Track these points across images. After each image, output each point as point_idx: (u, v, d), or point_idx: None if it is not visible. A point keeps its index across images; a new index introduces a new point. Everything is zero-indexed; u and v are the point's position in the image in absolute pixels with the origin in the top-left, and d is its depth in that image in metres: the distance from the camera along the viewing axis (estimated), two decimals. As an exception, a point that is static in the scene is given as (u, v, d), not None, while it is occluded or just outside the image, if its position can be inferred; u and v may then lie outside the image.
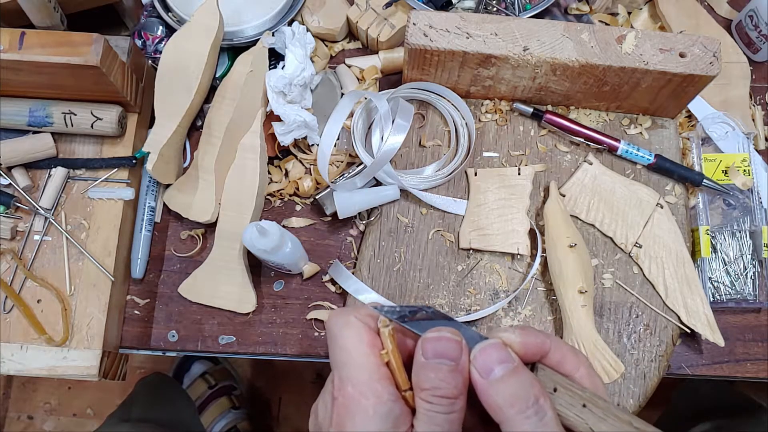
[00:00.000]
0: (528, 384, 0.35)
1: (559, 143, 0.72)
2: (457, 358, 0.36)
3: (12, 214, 0.68)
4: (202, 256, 0.70)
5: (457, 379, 0.35)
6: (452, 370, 0.35)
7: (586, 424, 0.35)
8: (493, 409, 0.35)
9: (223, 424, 1.25)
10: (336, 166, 0.73)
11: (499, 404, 0.34)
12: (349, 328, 0.38)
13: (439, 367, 0.35)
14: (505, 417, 0.34)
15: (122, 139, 0.70)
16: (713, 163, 0.71)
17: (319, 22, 0.76)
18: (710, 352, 0.68)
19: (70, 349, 0.64)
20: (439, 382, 0.35)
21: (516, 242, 0.67)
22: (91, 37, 0.61)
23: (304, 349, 0.68)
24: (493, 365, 0.35)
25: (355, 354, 0.37)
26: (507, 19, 0.65)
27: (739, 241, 0.69)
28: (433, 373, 0.35)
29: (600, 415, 0.35)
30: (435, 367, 0.35)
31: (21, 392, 1.44)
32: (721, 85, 0.76)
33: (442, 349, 0.36)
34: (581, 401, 0.36)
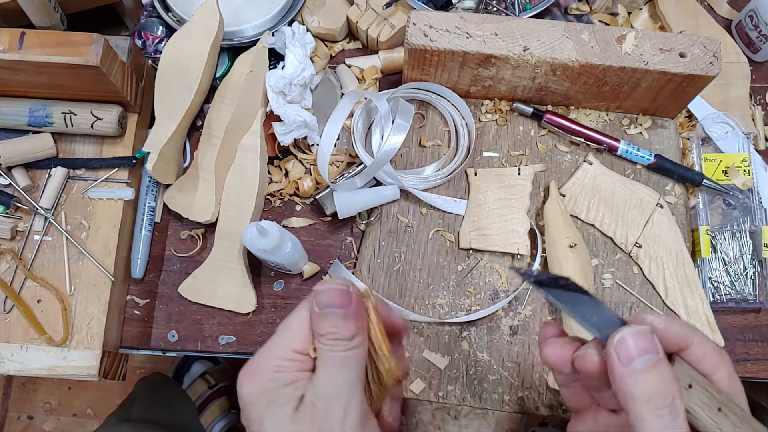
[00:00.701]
0: (668, 381, 0.34)
1: (559, 143, 0.72)
2: (345, 305, 0.39)
3: (12, 214, 0.68)
4: (202, 256, 0.70)
5: (348, 323, 0.38)
6: (344, 317, 0.38)
7: (719, 428, 0.34)
8: (626, 398, 0.34)
9: (223, 424, 1.25)
10: (336, 166, 0.73)
11: (633, 395, 0.34)
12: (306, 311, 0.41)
13: (330, 314, 0.39)
14: (637, 410, 0.34)
15: (122, 139, 0.70)
16: (713, 163, 0.71)
17: (319, 22, 0.76)
18: (710, 352, 0.68)
19: (70, 349, 0.64)
20: (332, 327, 0.38)
21: (516, 242, 0.67)
22: (91, 37, 0.61)
23: (304, 349, 0.68)
24: (635, 354, 0.34)
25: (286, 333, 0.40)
26: (507, 19, 0.65)
27: (739, 241, 0.69)
28: (326, 321, 0.38)
29: (736, 422, 0.34)
30: (327, 315, 0.39)
31: (21, 392, 1.44)
32: (721, 85, 0.76)
33: (331, 300, 0.39)
34: (717, 404, 0.34)
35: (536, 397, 0.65)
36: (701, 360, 0.37)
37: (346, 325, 0.38)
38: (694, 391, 0.35)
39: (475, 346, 0.66)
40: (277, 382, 0.39)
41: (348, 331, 0.38)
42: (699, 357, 0.37)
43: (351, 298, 0.39)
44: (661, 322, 0.36)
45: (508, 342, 0.66)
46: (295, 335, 0.40)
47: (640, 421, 0.33)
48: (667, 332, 0.36)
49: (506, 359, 0.66)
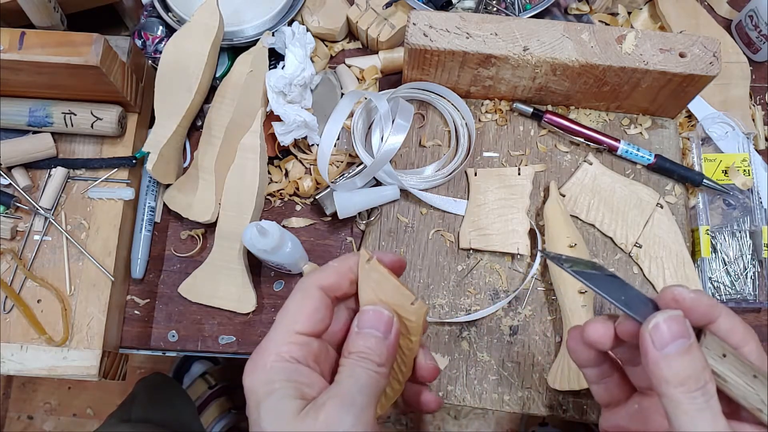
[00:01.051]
0: (701, 365, 0.35)
1: (559, 143, 0.72)
2: (386, 332, 0.39)
3: (12, 214, 0.68)
4: (202, 256, 0.70)
5: (381, 348, 0.39)
6: (380, 341, 0.39)
7: (757, 395, 0.35)
8: (659, 381, 0.35)
9: (223, 425, 1.24)
10: (336, 166, 0.73)
11: (667, 379, 0.35)
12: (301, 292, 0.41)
13: (368, 335, 0.39)
14: (671, 393, 0.34)
15: (122, 139, 0.70)
16: (713, 163, 0.71)
17: (319, 22, 0.76)
18: (710, 352, 0.68)
19: (70, 349, 0.64)
20: (366, 348, 0.38)
21: (516, 242, 0.67)
22: (91, 37, 0.61)
23: (304, 349, 0.68)
24: (669, 339, 0.35)
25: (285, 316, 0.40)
26: (507, 19, 0.65)
27: (739, 241, 0.70)
28: (362, 340, 0.39)
29: None
30: (365, 335, 0.39)
31: (21, 392, 1.44)
32: (721, 85, 0.76)
33: (375, 322, 0.39)
34: (752, 372, 0.35)
35: (536, 397, 0.65)
36: (729, 333, 0.37)
37: (379, 349, 0.39)
38: (729, 359, 0.35)
39: (475, 346, 0.66)
40: (279, 373, 0.38)
41: (379, 357, 0.38)
42: (727, 329, 0.37)
43: (394, 331, 0.39)
44: (690, 295, 0.37)
45: (508, 342, 0.66)
46: (293, 316, 0.40)
47: (674, 405, 0.34)
48: (696, 307, 0.37)
49: (506, 359, 0.66)
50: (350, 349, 0.39)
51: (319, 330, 0.41)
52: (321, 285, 0.41)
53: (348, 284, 0.42)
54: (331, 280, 0.41)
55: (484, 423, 1.40)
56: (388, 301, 0.40)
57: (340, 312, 0.43)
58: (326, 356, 0.42)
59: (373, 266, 0.40)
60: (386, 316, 0.39)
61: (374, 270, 0.40)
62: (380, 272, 0.40)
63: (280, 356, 0.39)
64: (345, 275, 0.42)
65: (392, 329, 0.39)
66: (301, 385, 0.38)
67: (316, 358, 0.40)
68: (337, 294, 0.42)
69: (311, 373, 0.39)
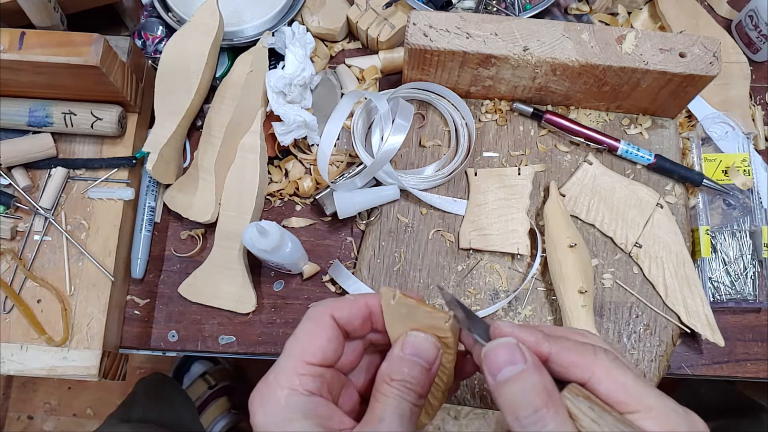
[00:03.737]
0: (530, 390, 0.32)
1: (559, 143, 0.72)
2: (431, 362, 0.37)
3: (12, 214, 0.68)
4: (202, 256, 0.70)
5: (425, 379, 0.37)
6: (425, 370, 0.36)
7: None
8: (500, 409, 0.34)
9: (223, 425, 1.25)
10: (336, 166, 0.73)
11: (501, 407, 0.33)
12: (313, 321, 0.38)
13: (415, 363, 0.36)
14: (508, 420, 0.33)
15: (122, 139, 0.70)
16: (713, 163, 0.71)
17: (319, 22, 0.76)
18: (710, 352, 0.68)
19: (70, 349, 0.64)
20: (410, 377, 0.36)
21: (516, 242, 0.67)
22: (91, 37, 0.61)
23: (304, 349, 0.68)
24: (501, 365, 0.34)
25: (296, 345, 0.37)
26: (507, 19, 0.65)
27: (739, 241, 0.69)
28: (408, 368, 0.36)
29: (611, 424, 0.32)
30: (411, 362, 0.37)
31: (21, 392, 1.44)
32: (721, 85, 0.76)
33: (422, 350, 0.37)
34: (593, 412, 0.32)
35: (536, 397, 0.64)
36: (570, 369, 0.34)
37: (423, 380, 0.36)
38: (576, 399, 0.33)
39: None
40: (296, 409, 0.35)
41: (422, 388, 0.36)
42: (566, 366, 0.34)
43: (437, 359, 0.37)
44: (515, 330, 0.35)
45: (508, 342, 0.66)
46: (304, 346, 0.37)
47: None
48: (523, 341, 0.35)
49: (506, 359, 0.65)
50: (393, 375, 0.36)
51: (332, 361, 0.38)
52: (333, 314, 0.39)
53: (360, 321, 0.39)
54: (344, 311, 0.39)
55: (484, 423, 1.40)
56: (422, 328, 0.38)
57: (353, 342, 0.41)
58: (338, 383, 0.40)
59: (400, 301, 0.38)
60: (433, 344, 0.37)
61: (402, 305, 0.38)
62: (409, 304, 0.38)
63: (294, 390, 0.36)
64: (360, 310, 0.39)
65: (437, 360, 0.37)
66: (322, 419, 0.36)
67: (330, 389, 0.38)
68: (347, 327, 0.39)
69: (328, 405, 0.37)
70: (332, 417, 0.36)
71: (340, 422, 0.37)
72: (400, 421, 0.35)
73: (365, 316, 0.40)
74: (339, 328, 0.39)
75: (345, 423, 0.37)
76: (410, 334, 0.38)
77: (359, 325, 0.40)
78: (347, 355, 0.41)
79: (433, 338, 0.38)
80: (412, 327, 0.39)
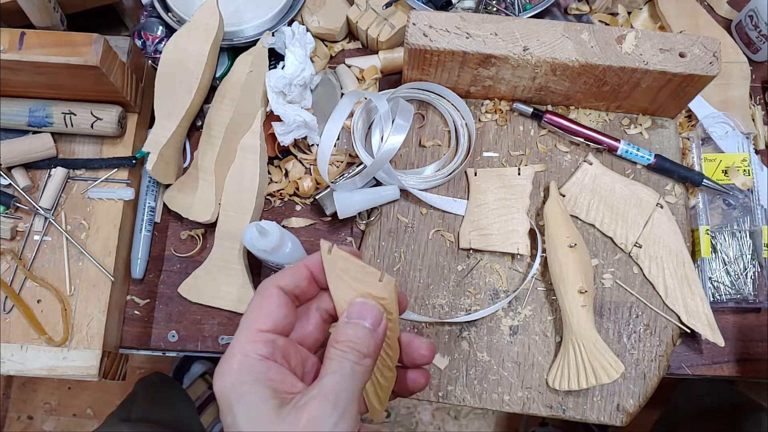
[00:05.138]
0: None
1: (559, 143, 0.72)
2: (373, 322, 0.39)
3: (12, 214, 0.68)
4: (202, 256, 0.70)
5: (369, 340, 0.39)
6: (369, 332, 0.39)
7: None
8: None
9: (223, 425, 1.24)
10: (336, 166, 0.73)
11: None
12: (260, 294, 0.41)
13: (357, 324, 0.39)
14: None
15: (122, 139, 0.70)
16: (713, 163, 0.71)
17: (319, 22, 0.76)
18: (710, 352, 0.68)
19: (70, 349, 0.64)
20: (355, 337, 0.38)
21: (516, 242, 0.67)
22: (91, 37, 0.61)
23: (304, 349, 0.68)
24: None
25: (247, 317, 0.40)
26: (507, 19, 0.65)
27: (739, 241, 0.69)
28: (352, 330, 0.39)
29: None
30: (354, 324, 0.39)
31: (21, 392, 1.44)
32: (721, 85, 0.76)
33: (363, 311, 0.39)
34: None
35: (536, 397, 0.65)
36: None
37: (366, 341, 0.38)
38: None
39: (475, 346, 0.66)
40: (247, 373, 0.38)
41: (366, 347, 0.38)
42: None
43: (383, 323, 0.40)
44: None
45: (508, 342, 0.66)
46: (254, 316, 0.40)
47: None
48: None
49: (506, 359, 0.66)
50: (338, 338, 0.39)
51: (282, 327, 0.41)
52: (278, 284, 0.41)
53: (306, 283, 0.42)
54: (287, 278, 0.41)
55: (484, 423, 1.40)
56: (356, 285, 0.40)
57: (311, 314, 0.43)
58: (296, 354, 0.41)
59: (335, 254, 0.40)
60: (376, 307, 0.40)
61: (337, 257, 0.40)
62: (343, 257, 0.40)
63: (246, 356, 0.38)
64: (300, 273, 0.42)
65: (381, 322, 0.40)
66: (272, 382, 0.38)
67: (285, 356, 0.40)
68: (295, 292, 0.42)
69: (280, 369, 0.39)
70: (284, 381, 0.38)
71: (292, 386, 0.38)
72: (341, 379, 0.37)
73: (308, 277, 0.42)
74: (287, 296, 0.41)
75: (297, 387, 0.38)
76: (354, 301, 0.40)
77: (306, 287, 0.42)
78: (306, 326, 0.43)
79: (378, 305, 0.40)
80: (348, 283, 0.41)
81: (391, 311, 0.41)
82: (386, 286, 0.40)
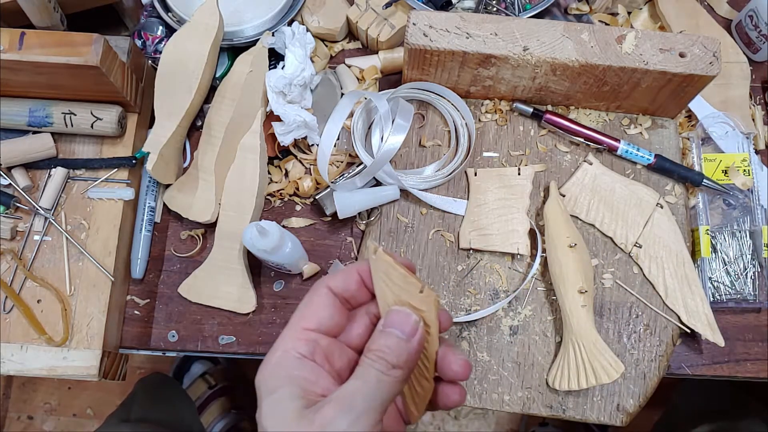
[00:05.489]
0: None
1: (559, 143, 0.72)
2: (409, 335, 0.38)
3: (12, 214, 0.68)
4: (202, 256, 0.70)
5: (401, 350, 0.38)
6: (401, 342, 0.38)
7: None
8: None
9: (223, 425, 1.24)
10: (336, 166, 0.73)
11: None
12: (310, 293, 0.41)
13: (390, 333, 0.38)
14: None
15: (122, 139, 0.70)
16: (713, 163, 0.71)
17: (319, 22, 0.76)
18: (710, 352, 0.68)
19: (70, 349, 0.64)
20: (385, 347, 0.38)
21: (516, 242, 0.67)
22: (91, 37, 0.61)
23: (304, 349, 0.68)
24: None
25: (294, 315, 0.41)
26: (507, 19, 0.65)
27: (739, 241, 0.69)
28: (384, 339, 0.38)
29: None
30: (387, 333, 0.38)
31: (21, 392, 1.44)
32: (721, 85, 0.76)
33: (398, 321, 0.39)
34: None
35: (536, 397, 0.65)
36: None
37: (399, 350, 0.38)
38: None
39: (475, 346, 0.66)
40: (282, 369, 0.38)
41: (396, 358, 0.38)
42: None
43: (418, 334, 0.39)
44: None
45: (508, 342, 0.66)
46: (302, 314, 0.40)
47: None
48: None
49: (506, 359, 0.66)
50: (371, 346, 0.39)
51: (328, 327, 0.41)
52: (327, 284, 0.41)
53: (356, 286, 0.42)
54: (337, 280, 0.41)
55: (484, 423, 1.40)
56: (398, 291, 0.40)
57: (361, 318, 0.43)
58: (341, 356, 0.41)
59: (379, 256, 0.40)
60: (412, 318, 0.39)
61: (381, 260, 0.40)
62: (386, 261, 0.39)
63: (286, 352, 0.39)
64: (351, 276, 0.42)
65: (417, 333, 0.39)
66: (304, 382, 0.38)
67: (327, 357, 0.40)
68: (345, 295, 0.41)
69: (316, 369, 0.39)
70: (317, 382, 0.38)
71: (325, 389, 0.38)
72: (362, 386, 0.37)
73: (358, 281, 0.42)
74: (336, 297, 0.41)
75: (330, 390, 0.38)
76: (391, 309, 0.39)
77: (356, 291, 0.42)
78: (356, 329, 0.42)
79: (416, 316, 0.39)
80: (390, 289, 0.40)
81: (429, 324, 0.40)
82: (426, 299, 0.39)
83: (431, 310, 0.40)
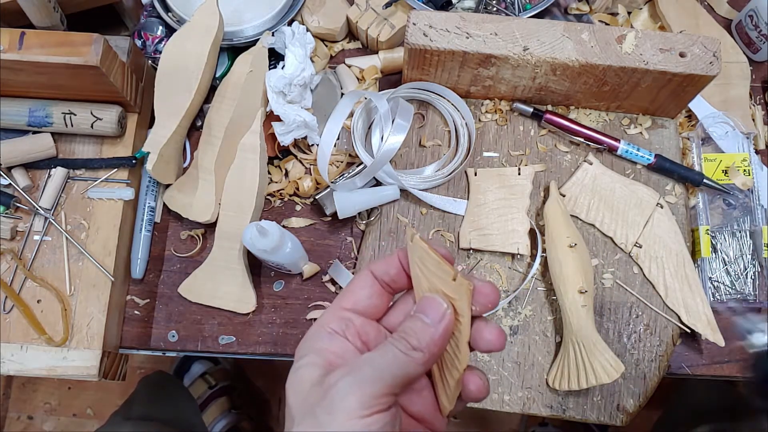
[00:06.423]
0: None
1: (559, 143, 0.72)
2: (435, 320, 0.38)
3: (12, 214, 0.68)
4: (202, 256, 0.70)
5: (424, 333, 0.38)
6: (426, 326, 0.38)
7: None
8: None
9: (223, 425, 1.25)
10: (336, 166, 0.73)
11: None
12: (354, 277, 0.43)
13: (417, 317, 0.39)
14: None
15: (122, 139, 0.70)
16: (713, 163, 0.71)
17: (319, 22, 0.76)
18: (710, 352, 0.68)
19: (70, 349, 0.64)
20: (409, 329, 0.38)
21: (516, 242, 0.67)
22: (91, 37, 0.61)
23: (304, 349, 0.68)
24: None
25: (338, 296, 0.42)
26: (507, 19, 0.65)
27: (739, 241, 0.69)
28: (410, 322, 0.38)
29: None
30: (414, 317, 0.39)
31: (21, 392, 1.44)
32: (721, 85, 0.76)
33: (426, 306, 0.39)
34: None
35: (536, 397, 0.65)
36: None
37: (420, 334, 0.38)
38: None
39: (475, 346, 0.66)
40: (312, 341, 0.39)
41: (418, 340, 0.38)
42: None
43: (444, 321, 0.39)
44: None
45: (508, 342, 0.66)
46: (343, 294, 0.41)
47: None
48: None
49: (506, 359, 0.66)
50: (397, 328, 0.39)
51: (364, 307, 0.41)
52: (370, 268, 0.42)
53: (395, 271, 0.42)
54: (380, 264, 0.42)
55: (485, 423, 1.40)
56: (432, 278, 0.40)
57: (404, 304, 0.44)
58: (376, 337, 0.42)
59: (416, 242, 0.40)
60: (442, 306, 0.39)
61: (417, 246, 0.40)
62: (422, 248, 0.40)
63: (320, 326, 0.40)
64: (391, 261, 0.42)
65: (444, 319, 0.39)
66: (330, 355, 0.38)
67: (360, 335, 0.40)
68: (385, 278, 0.42)
69: (345, 344, 0.39)
70: (343, 356, 0.39)
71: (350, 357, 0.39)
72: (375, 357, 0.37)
73: (398, 265, 0.42)
74: (377, 281, 0.42)
75: None
76: (423, 296, 0.40)
77: (395, 275, 0.42)
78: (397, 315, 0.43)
79: (445, 303, 0.39)
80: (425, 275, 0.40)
81: (460, 313, 0.39)
82: (458, 288, 0.39)
83: (463, 299, 0.39)
